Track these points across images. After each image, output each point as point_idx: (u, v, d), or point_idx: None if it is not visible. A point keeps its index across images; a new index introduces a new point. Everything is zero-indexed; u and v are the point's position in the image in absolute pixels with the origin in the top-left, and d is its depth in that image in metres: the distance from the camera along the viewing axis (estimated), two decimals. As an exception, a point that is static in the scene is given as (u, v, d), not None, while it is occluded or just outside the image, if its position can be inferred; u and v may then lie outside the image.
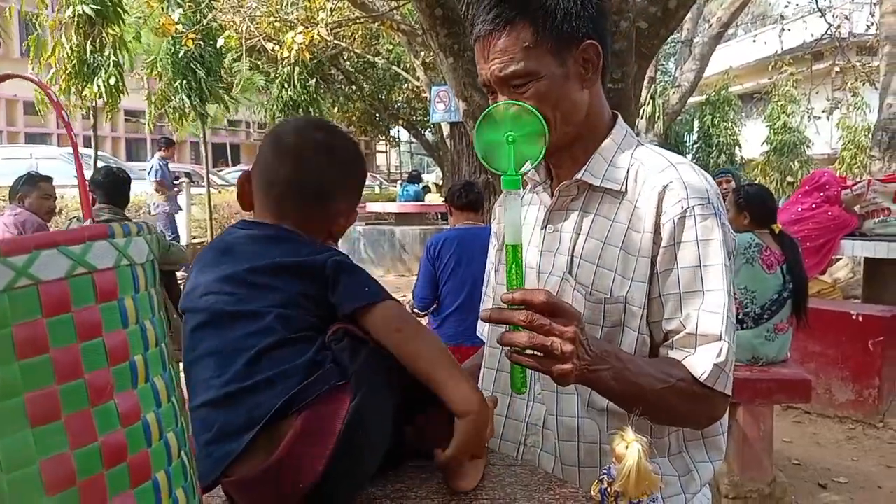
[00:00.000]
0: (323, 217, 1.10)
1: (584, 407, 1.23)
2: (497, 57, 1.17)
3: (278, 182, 1.09)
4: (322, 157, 1.10)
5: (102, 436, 0.44)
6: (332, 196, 1.10)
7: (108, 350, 0.45)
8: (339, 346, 0.95)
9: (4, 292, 0.40)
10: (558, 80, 1.18)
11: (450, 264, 3.51)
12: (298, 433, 0.87)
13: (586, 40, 1.20)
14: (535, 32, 1.16)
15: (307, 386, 0.89)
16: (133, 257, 0.48)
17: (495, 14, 1.17)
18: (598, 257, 1.22)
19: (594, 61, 1.21)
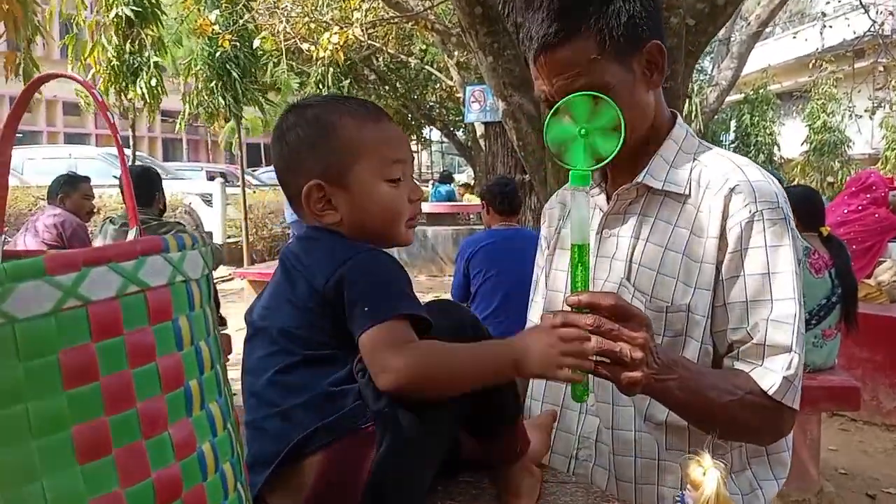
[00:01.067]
0: (299, 201, 0.94)
1: (640, 420, 1.17)
2: (562, 72, 1.10)
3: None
4: (280, 139, 0.97)
5: (156, 471, 0.40)
6: (293, 175, 0.95)
7: (161, 376, 0.41)
8: (364, 378, 0.83)
9: (51, 315, 0.36)
10: (627, 88, 1.11)
11: (484, 268, 3.45)
12: (321, 479, 0.80)
13: (650, 41, 1.13)
14: (600, 42, 1.09)
15: (324, 427, 0.80)
16: (188, 273, 0.44)
17: (557, 28, 1.09)
18: (659, 263, 1.16)
19: (658, 62, 1.15)
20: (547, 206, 1.50)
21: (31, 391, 0.36)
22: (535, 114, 2.61)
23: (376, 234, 0.93)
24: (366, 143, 0.93)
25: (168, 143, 27.29)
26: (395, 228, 0.95)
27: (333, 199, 0.92)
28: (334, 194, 0.92)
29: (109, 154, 12.03)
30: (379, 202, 0.93)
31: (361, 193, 0.92)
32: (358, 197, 0.92)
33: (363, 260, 0.86)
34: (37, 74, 0.69)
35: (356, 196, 0.92)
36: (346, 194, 0.92)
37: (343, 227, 0.93)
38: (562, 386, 1.28)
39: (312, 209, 0.92)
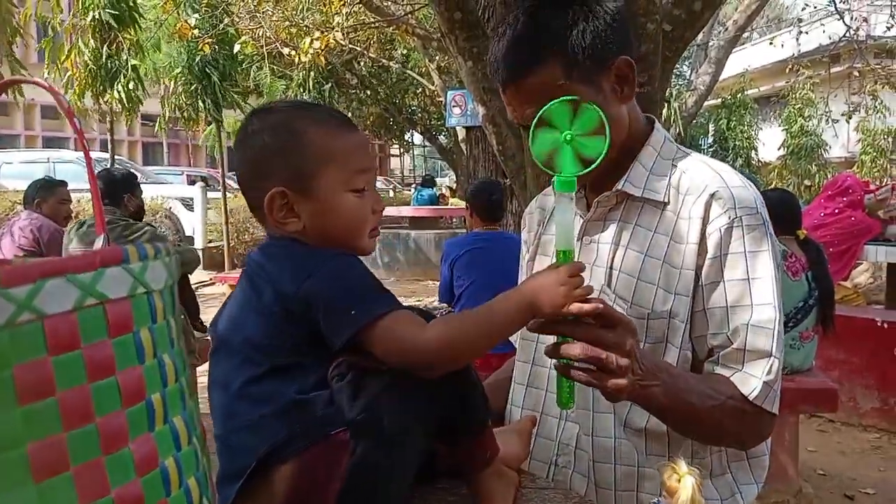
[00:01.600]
0: (260, 208, 0.92)
1: (620, 427, 1.17)
2: (531, 100, 1.09)
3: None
4: (243, 144, 0.95)
5: (116, 488, 0.39)
6: (256, 181, 0.93)
7: (121, 390, 0.40)
8: (339, 383, 0.82)
9: (4, 329, 0.35)
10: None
11: (468, 271, 3.46)
12: (293, 488, 0.79)
13: (617, 57, 1.13)
14: (566, 67, 1.09)
15: (293, 436, 0.80)
16: (150, 284, 0.43)
17: (520, 60, 1.10)
18: (639, 270, 1.17)
19: (628, 76, 1.15)
20: (527, 210, 1.50)
21: (-17, 408, 0.35)
22: (515, 118, 2.60)
23: (338, 243, 0.92)
24: (332, 152, 0.92)
25: (148, 146, 27.06)
26: (358, 238, 0.94)
27: (296, 207, 0.91)
28: (297, 202, 0.90)
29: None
30: (343, 212, 0.92)
31: (325, 202, 0.91)
32: (322, 206, 0.91)
33: (336, 267, 0.86)
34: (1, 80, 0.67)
35: (320, 205, 0.91)
36: (309, 203, 0.91)
37: (305, 236, 0.91)
38: (542, 392, 1.28)
39: (274, 216, 0.91)
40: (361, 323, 0.81)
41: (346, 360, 0.84)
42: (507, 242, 3.50)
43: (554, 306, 0.88)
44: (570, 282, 0.89)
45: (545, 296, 0.88)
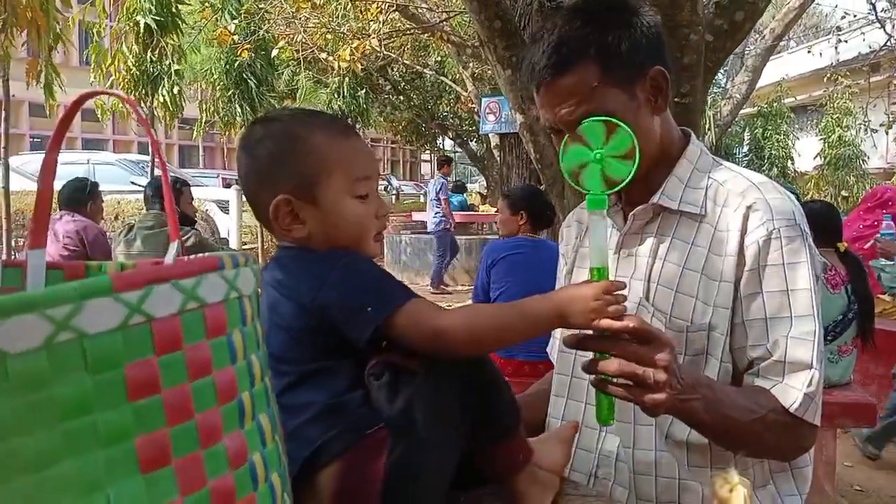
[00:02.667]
0: (266, 216, 0.93)
1: (661, 439, 1.17)
2: (564, 101, 1.11)
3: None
4: (248, 152, 0.96)
5: (212, 480, 0.42)
6: (261, 189, 0.94)
7: (217, 388, 0.43)
8: (377, 382, 0.85)
9: (118, 330, 0.38)
10: (630, 113, 1.12)
11: (507, 276, 3.46)
12: (337, 490, 0.81)
13: (652, 67, 1.15)
14: (601, 71, 1.10)
15: (331, 440, 0.82)
16: (241, 289, 0.46)
17: (556, 60, 1.11)
18: (678, 283, 1.17)
19: (662, 87, 1.17)
20: (564, 224, 1.51)
21: (99, 403, 0.38)
22: (554, 127, 2.62)
23: (344, 247, 0.93)
24: (335, 159, 0.93)
25: (184, 149, 27.48)
26: (363, 243, 0.96)
27: (301, 214, 0.92)
28: (302, 209, 0.92)
29: (126, 160, 12.13)
30: (347, 218, 0.93)
31: (330, 209, 0.92)
32: (326, 212, 0.92)
33: (345, 270, 0.88)
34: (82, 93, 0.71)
35: (325, 211, 0.92)
36: (314, 209, 0.92)
37: (311, 242, 0.93)
38: (581, 404, 1.29)
39: (280, 224, 0.92)
40: (379, 319, 0.83)
41: (382, 359, 0.86)
42: (549, 251, 3.51)
43: (583, 319, 0.89)
44: (603, 298, 0.90)
45: (576, 307, 0.89)
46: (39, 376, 0.35)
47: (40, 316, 0.35)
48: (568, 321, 0.90)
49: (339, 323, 0.84)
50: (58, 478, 0.36)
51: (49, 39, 6.79)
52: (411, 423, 0.82)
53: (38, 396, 0.35)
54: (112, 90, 0.88)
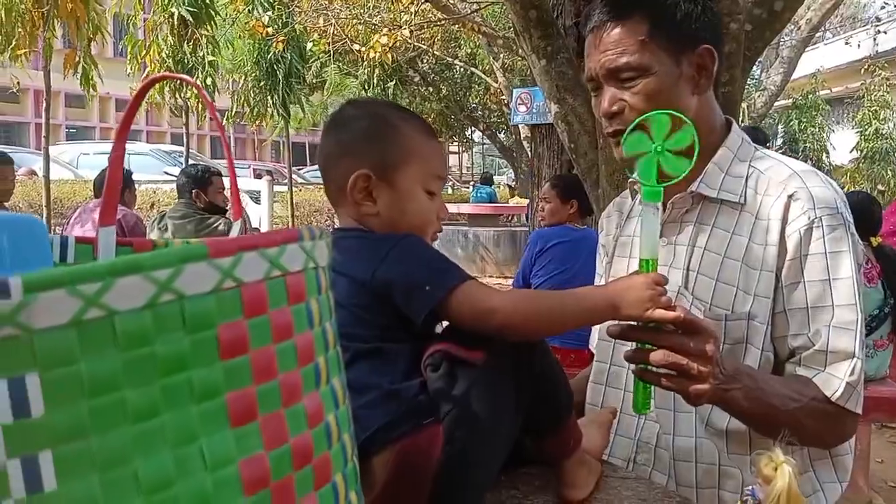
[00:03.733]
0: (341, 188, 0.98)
1: (702, 426, 1.19)
2: (609, 48, 1.14)
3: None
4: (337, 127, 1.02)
5: (293, 437, 0.44)
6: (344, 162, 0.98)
7: (297, 351, 0.46)
8: (435, 374, 0.86)
9: (212, 293, 0.41)
10: (670, 80, 1.14)
11: (552, 265, 3.48)
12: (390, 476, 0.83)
13: (703, 45, 1.16)
14: (652, 27, 1.13)
15: (385, 427, 0.84)
16: (317, 260, 0.49)
17: (612, 5, 1.15)
18: (718, 271, 1.18)
19: (709, 67, 1.17)
20: (604, 213, 1.52)
21: (195, 361, 0.40)
22: (588, 116, 2.62)
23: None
24: (419, 150, 0.99)
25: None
26: (424, 235, 0.99)
27: (374, 192, 0.96)
28: (377, 187, 0.96)
29: (160, 150, 12.30)
30: (416, 207, 0.98)
31: (404, 194, 0.97)
32: (399, 196, 0.97)
33: (405, 248, 0.91)
34: (152, 76, 0.74)
35: (398, 195, 0.97)
36: (389, 191, 0.96)
37: (375, 222, 0.97)
38: (620, 392, 1.31)
39: (354, 196, 0.96)
40: (438, 296, 0.86)
41: (439, 350, 0.88)
42: (592, 240, 3.53)
43: (637, 309, 0.91)
44: (656, 289, 0.92)
45: (630, 297, 0.91)
46: (143, 334, 0.38)
47: (145, 278, 0.38)
48: (621, 312, 0.92)
49: (398, 299, 0.87)
50: (157, 428, 0.39)
51: (88, 31, 6.91)
52: (467, 415, 0.84)
53: (142, 352, 0.38)
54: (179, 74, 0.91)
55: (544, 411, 0.96)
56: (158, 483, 0.39)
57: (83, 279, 0.36)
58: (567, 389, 0.99)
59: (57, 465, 0.36)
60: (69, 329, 0.36)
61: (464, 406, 0.84)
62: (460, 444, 0.84)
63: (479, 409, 0.85)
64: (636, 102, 1.14)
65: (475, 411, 0.85)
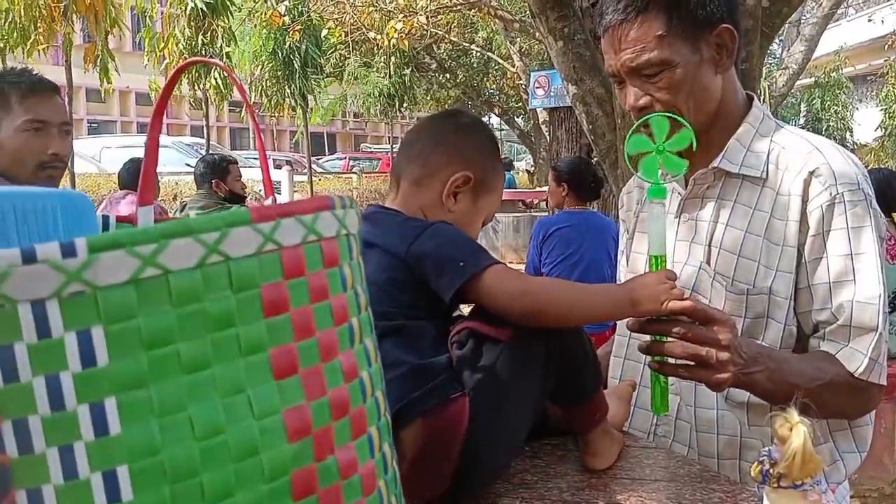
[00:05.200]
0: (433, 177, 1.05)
1: (722, 399, 1.21)
2: (629, 47, 1.15)
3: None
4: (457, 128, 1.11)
5: (330, 390, 0.48)
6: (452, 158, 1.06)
7: (333, 311, 0.49)
8: (461, 351, 0.90)
9: (255, 256, 0.44)
10: (692, 68, 1.15)
11: (557, 251, 3.49)
12: (417, 450, 0.86)
13: (720, 24, 1.17)
14: (669, 20, 1.13)
15: (414, 400, 0.86)
16: (349, 227, 0.52)
17: (626, 3, 1.15)
18: (740, 247, 1.19)
19: (728, 46, 1.18)
20: (624, 189, 1.53)
21: (241, 317, 0.44)
22: (606, 97, 2.63)
23: None
24: (501, 189, 1.13)
25: (235, 131, 27.96)
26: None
27: (461, 196, 1.05)
28: (465, 194, 1.05)
29: (181, 143, 12.41)
30: (476, 227, 1.09)
31: (477, 211, 1.07)
32: (474, 211, 1.07)
33: (442, 226, 0.97)
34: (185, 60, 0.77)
35: (474, 209, 1.07)
36: (471, 202, 1.07)
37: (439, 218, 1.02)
38: (640, 365, 1.33)
39: (447, 188, 1.04)
40: (470, 273, 0.90)
41: (465, 327, 0.92)
42: (597, 222, 3.52)
43: (653, 302, 0.94)
44: (668, 282, 0.96)
45: (645, 292, 0.95)
46: (195, 291, 0.42)
47: (195, 240, 0.41)
48: (639, 307, 0.95)
49: (430, 274, 0.91)
50: (209, 379, 0.42)
51: (106, 24, 6.98)
52: (493, 390, 0.87)
53: (193, 308, 0.42)
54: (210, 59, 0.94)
55: (573, 384, 0.99)
56: (210, 429, 0.42)
57: (140, 241, 0.39)
58: (595, 362, 1.02)
59: (120, 411, 0.40)
60: (128, 286, 0.39)
61: (490, 381, 0.87)
62: (486, 417, 0.87)
63: (504, 384, 0.88)
64: (662, 96, 1.15)
65: (501, 386, 0.88)
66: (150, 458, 0.40)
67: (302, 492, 0.45)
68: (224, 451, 0.42)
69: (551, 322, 0.92)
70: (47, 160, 1.78)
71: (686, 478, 1.01)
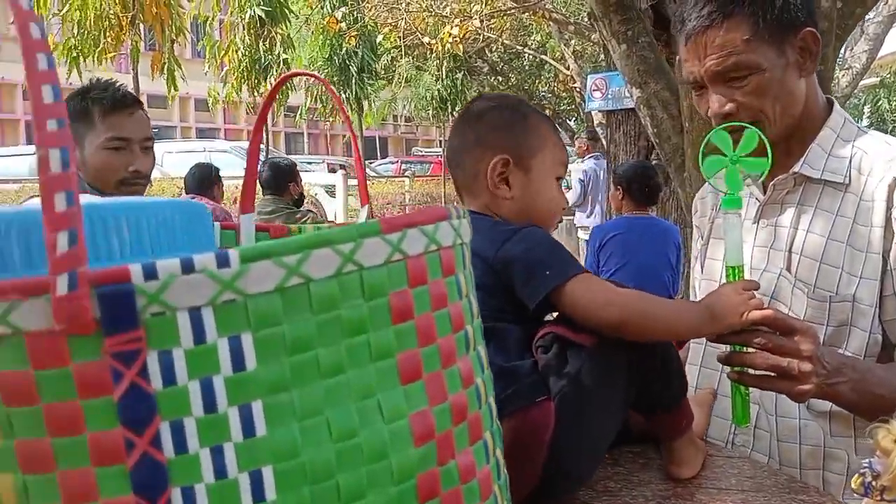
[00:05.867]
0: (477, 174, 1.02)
1: (804, 408, 1.19)
2: (714, 52, 1.13)
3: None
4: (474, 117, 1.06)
5: (451, 395, 0.49)
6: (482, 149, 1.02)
7: (451, 319, 0.50)
8: (546, 355, 0.90)
9: (384, 265, 0.46)
10: (778, 72, 1.14)
11: (615, 255, 3.46)
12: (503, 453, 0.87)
13: (804, 27, 1.15)
14: (755, 24, 1.12)
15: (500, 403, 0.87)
16: (464, 237, 0.53)
17: (710, 10, 1.14)
18: (822, 253, 1.17)
19: (812, 49, 1.17)
20: (698, 195, 1.52)
21: (372, 324, 0.45)
22: (672, 100, 2.61)
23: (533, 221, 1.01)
24: (550, 139, 1.05)
25: (290, 136, 28.45)
26: (549, 223, 1.04)
27: (511, 178, 1.01)
28: (513, 174, 1.01)
29: (239, 148, 12.69)
30: (547, 193, 1.03)
31: (538, 180, 1.02)
32: (533, 182, 1.02)
33: (531, 232, 0.95)
34: (286, 73, 0.80)
35: (532, 180, 1.02)
36: (524, 177, 1.01)
37: (507, 207, 1.01)
38: (717, 373, 1.31)
39: (492, 179, 1.01)
40: (556, 283, 0.89)
41: (550, 332, 0.92)
42: (657, 228, 3.48)
43: (733, 315, 0.93)
44: (746, 293, 0.94)
45: (725, 305, 0.94)
46: (332, 299, 0.43)
47: (334, 250, 0.43)
48: (721, 321, 0.94)
49: (517, 278, 0.91)
50: (343, 384, 0.44)
51: (171, 33, 7.19)
52: (578, 395, 0.87)
53: (331, 316, 0.43)
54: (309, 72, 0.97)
55: (659, 391, 0.98)
56: (346, 432, 0.44)
57: (286, 251, 0.41)
58: (681, 368, 1.01)
59: (266, 413, 0.41)
60: (274, 294, 0.41)
61: (574, 387, 0.87)
62: (570, 424, 0.87)
63: (588, 391, 0.88)
64: (748, 101, 1.14)
65: (585, 392, 0.88)
66: (292, 459, 0.42)
67: (427, 495, 0.47)
68: (357, 454, 0.44)
69: (633, 335, 0.91)
70: (129, 177, 1.80)
71: (773, 488, 0.99)
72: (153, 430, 0.39)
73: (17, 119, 22.15)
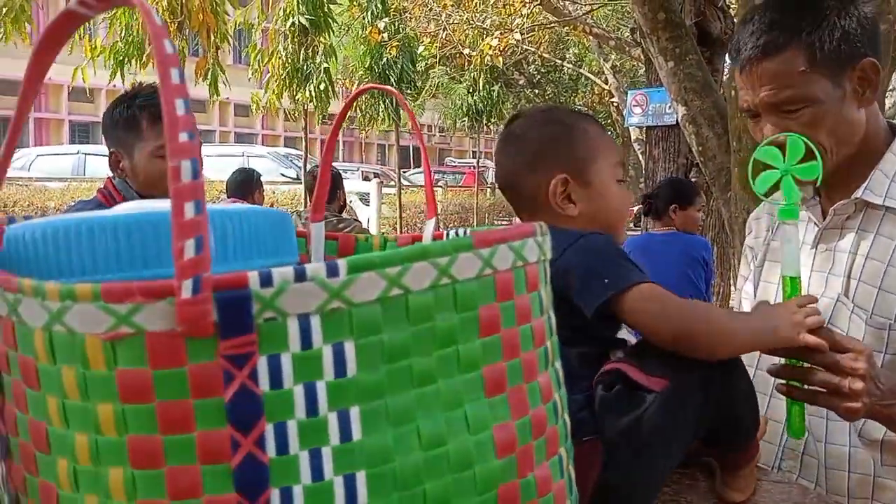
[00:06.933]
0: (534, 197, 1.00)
1: (855, 435, 1.17)
2: (768, 83, 1.12)
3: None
4: (518, 139, 1.04)
5: (532, 410, 0.50)
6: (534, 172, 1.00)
7: (534, 334, 0.51)
8: (605, 394, 0.85)
9: (475, 279, 0.47)
10: (835, 104, 1.12)
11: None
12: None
13: (864, 58, 1.14)
14: (810, 56, 1.10)
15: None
16: (546, 253, 0.54)
17: (766, 40, 1.12)
18: (881, 280, 1.16)
19: (872, 79, 1.15)
20: (753, 216, 1.50)
21: (461, 336, 0.47)
22: (718, 118, 2.59)
23: (603, 229, 0.98)
24: (601, 143, 1.02)
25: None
26: (619, 225, 1.02)
27: (573, 195, 0.98)
28: (575, 190, 0.98)
29: (276, 153, 12.86)
30: (613, 198, 1.00)
31: (600, 189, 0.99)
32: (597, 192, 0.99)
33: (593, 239, 0.92)
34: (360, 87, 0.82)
35: (595, 192, 0.99)
36: (586, 190, 0.99)
37: (574, 223, 0.98)
38: (766, 397, 1.30)
39: (557, 201, 0.98)
40: (613, 291, 0.85)
41: (616, 369, 0.86)
42: (680, 245, 3.46)
43: (792, 330, 0.90)
44: (802, 311, 0.91)
45: (782, 319, 0.90)
46: (427, 310, 0.45)
47: (431, 263, 0.44)
48: (779, 334, 0.90)
49: (574, 287, 0.87)
50: (434, 393, 0.45)
51: (216, 40, 7.32)
52: (636, 441, 0.82)
53: (425, 326, 0.45)
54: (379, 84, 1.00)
55: (733, 431, 0.94)
56: (435, 440, 0.45)
57: (388, 263, 0.43)
58: (754, 400, 0.96)
59: (362, 419, 0.43)
60: (376, 304, 0.43)
61: (633, 431, 0.82)
62: (626, 465, 0.83)
63: (649, 435, 0.82)
64: (802, 132, 1.13)
65: (645, 436, 0.82)
66: (384, 465, 0.43)
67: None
68: (444, 463, 0.45)
69: (701, 349, 0.85)
70: None
71: (829, 517, 0.98)
72: (259, 432, 0.41)
73: (61, 119, 22.65)
